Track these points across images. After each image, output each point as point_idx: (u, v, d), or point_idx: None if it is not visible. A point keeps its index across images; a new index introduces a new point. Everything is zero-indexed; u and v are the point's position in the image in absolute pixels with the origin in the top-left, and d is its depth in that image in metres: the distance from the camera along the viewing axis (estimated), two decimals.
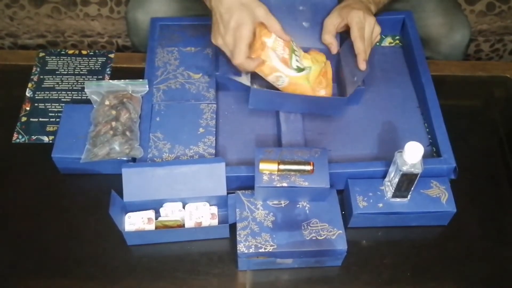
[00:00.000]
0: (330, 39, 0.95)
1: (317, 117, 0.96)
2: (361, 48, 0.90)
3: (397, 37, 1.10)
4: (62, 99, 1.03)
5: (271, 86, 0.93)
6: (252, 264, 0.82)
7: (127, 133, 0.90)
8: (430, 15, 1.13)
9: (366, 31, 0.91)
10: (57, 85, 1.05)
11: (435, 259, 0.85)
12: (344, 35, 0.96)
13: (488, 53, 1.42)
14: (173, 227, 0.84)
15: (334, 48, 0.96)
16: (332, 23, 0.94)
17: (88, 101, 0.96)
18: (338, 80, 0.99)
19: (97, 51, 1.12)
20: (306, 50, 0.94)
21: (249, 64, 0.86)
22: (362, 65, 0.90)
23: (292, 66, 0.88)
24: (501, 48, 1.41)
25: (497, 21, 1.34)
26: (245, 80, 0.91)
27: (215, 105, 0.97)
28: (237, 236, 0.80)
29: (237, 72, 0.92)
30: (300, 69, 0.89)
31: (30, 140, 0.97)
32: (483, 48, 1.41)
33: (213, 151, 0.91)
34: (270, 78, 0.90)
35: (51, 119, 1.00)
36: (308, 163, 0.81)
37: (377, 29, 0.93)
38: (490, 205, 0.92)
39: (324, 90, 0.92)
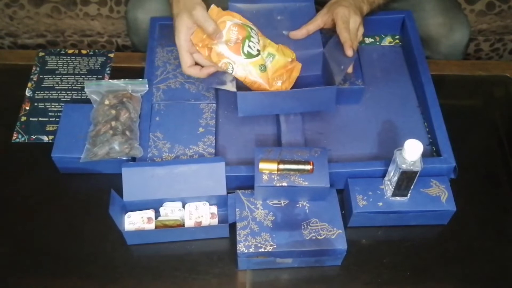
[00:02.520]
0: (313, 29, 0.96)
1: (316, 116, 0.96)
2: (347, 37, 0.90)
3: (397, 37, 1.10)
4: (62, 99, 1.03)
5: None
6: (252, 263, 0.82)
7: (127, 132, 0.90)
8: (430, 14, 1.13)
9: (351, 26, 0.92)
10: (57, 85, 1.05)
11: (435, 259, 0.85)
12: (327, 39, 0.97)
13: (488, 53, 1.42)
14: (173, 226, 0.84)
15: (304, 34, 0.96)
16: (322, 18, 0.95)
17: (87, 101, 0.96)
18: (325, 79, 0.97)
19: (96, 50, 1.12)
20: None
21: (196, 73, 0.89)
22: (349, 51, 0.90)
23: (242, 51, 0.88)
24: (501, 47, 1.41)
25: (497, 21, 1.34)
26: (230, 87, 0.90)
27: (214, 104, 0.97)
28: (237, 235, 0.80)
29: (221, 81, 0.91)
30: (250, 55, 0.88)
31: (30, 140, 0.97)
32: (483, 48, 1.41)
33: (213, 150, 0.91)
34: (221, 66, 0.89)
35: (50, 119, 1.00)
36: (308, 163, 0.81)
37: (361, 29, 0.94)
38: (490, 205, 0.92)
39: (281, 81, 0.91)
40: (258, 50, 0.89)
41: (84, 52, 1.11)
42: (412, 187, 0.82)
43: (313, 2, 1.00)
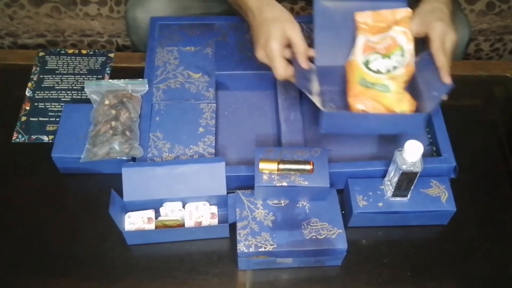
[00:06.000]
0: None
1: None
2: (444, 61, 0.83)
3: None
4: (62, 99, 1.03)
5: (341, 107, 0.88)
6: (252, 263, 0.82)
7: (127, 132, 0.90)
8: None
9: (447, 46, 0.85)
10: (57, 85, 1.05)
11: (435, 259, 0.85)
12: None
13: (488, 53, 1.42)
14: (173, 226, 0.84)
15: None
16: (416, 29, 0.87)
17: (88, 101, 0.96)
18: (413, 95, 0.88)
19: (96, 50, 1.12)
20: None
21: (291, 71, 0.84)
22: (447, 79, 0.83)
23: (366, 57, 0.84)
24: (501, 47, 1.41)
25: (497, 21, 1.34)
26: (316, 100, 0.83)
27: (214, 104, 0.97)
28: (237, 235, 0.80)
29: (309, 89, 0.85)
30: (367, 65, 0.84)
31: (30, 140, 0.97)
32: (483, 48, 1.41)
33: (213, 150, 0.91)
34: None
35: (51, 119, 1.00)
36: (308, 163, 0.81)
37: (455, 47, 0.86)
38: (490, 205, 0.92)
39: (363, 107, 0.84)
40: (378, 71, 0.85)
41: (84, 52, 1.11)
42: (412, 187, 0.82)
43: (406, 3, 0.91)
